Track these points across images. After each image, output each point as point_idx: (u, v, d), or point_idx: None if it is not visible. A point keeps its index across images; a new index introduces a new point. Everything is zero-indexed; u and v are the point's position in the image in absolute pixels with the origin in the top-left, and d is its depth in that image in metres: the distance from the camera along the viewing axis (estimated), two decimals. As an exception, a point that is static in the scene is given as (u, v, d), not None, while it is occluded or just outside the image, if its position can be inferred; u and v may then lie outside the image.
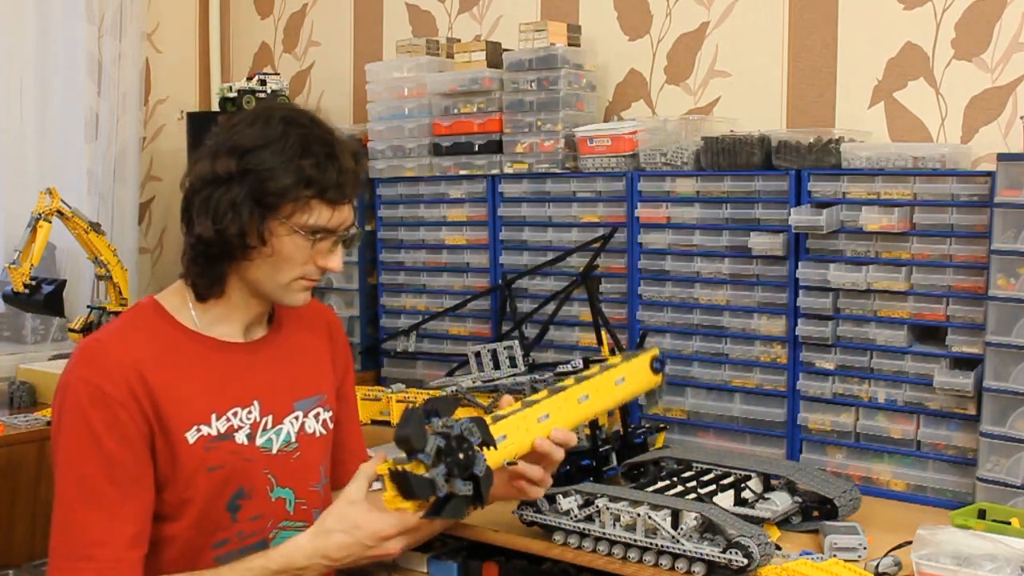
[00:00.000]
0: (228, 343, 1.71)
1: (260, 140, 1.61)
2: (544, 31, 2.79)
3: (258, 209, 1.59)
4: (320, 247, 1.67)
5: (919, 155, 2.24)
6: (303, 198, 1.61)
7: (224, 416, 1.66)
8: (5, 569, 2.53)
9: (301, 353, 1.82)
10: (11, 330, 3.37)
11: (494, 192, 2.88)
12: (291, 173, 1.59)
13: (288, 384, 1.77)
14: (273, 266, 1.65)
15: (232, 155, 1.60)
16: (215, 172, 1.60)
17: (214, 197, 1.60)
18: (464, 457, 1.53)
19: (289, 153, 1.60)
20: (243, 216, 1.59)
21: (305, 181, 1.60)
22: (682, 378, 2.57)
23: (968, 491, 2.16)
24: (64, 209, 3.01)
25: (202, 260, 1.64)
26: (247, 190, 1.59)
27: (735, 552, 1.71)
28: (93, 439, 1.56)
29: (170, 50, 3.95)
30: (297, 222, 1.62)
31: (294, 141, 1.61)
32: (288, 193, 1.59)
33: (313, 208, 1.62)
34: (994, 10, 2.37)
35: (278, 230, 1.62)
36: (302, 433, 1.77)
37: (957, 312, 2.19)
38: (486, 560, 2.12)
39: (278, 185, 1.59)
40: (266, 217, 1.60)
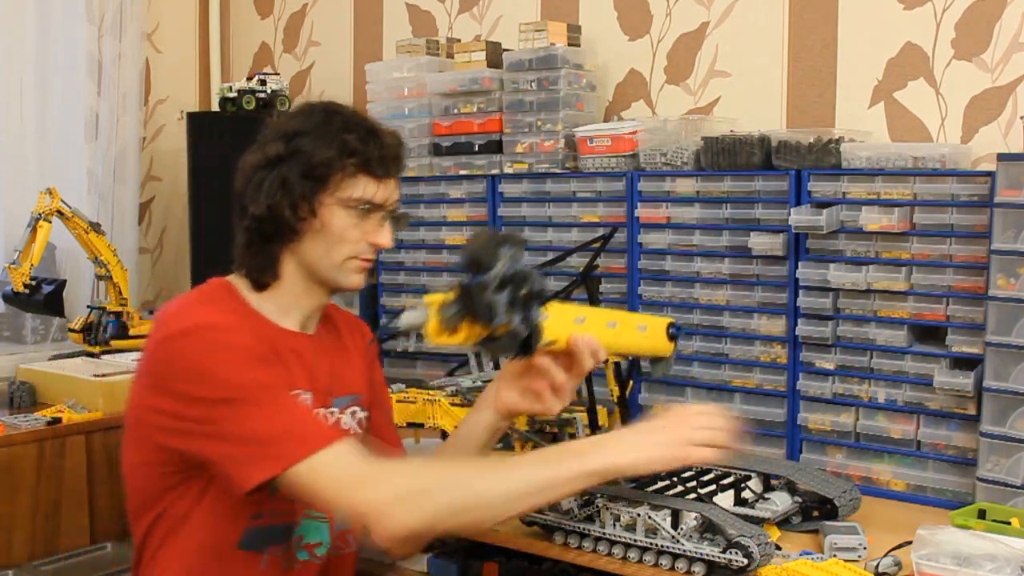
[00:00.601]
0: (288, 331, 1.75)
1: (305, 125, 1.71)
2: (544, 31, 2.79)
3: (307, 183, 1.67)
4: (369, 223, 1.73)
5: (919, 155, 2.24)
6: (349, 168, 1.68)
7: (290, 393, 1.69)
8: (5, 569, 2.53)
9: (342, 354, 1.86)
10: (11, 330, 3.37)
11: (494, 192, 2.88)
12: (335, 146, 1.68)
13: (329, 380, 1.81)
14: (326, 244, 1.71)
15: (279, 139, 1.70)
16: (265, 156, 1.70)
17: (266, 179, 1.68)
18: (526, 295, 1.51)
19: (333, 131, 1.69)
20: (294, 192, 1.67)
21: (349, 152, 1.68)
22: (682, 378, 2.57)
23: (968, 491, 2.16)
24: (64, 209, 3.02)
25: (257, 241, 1.71)
26: (295, 167, 1.67)
27: (735, 552, 1.71)
28: (244, 354, 1.58)
29: (170, 50, 3.95)
30: (344, 195, 1.69)
31: (337, 122, 1.71)
32: (333, 164, 1.68)
33: (359, 181, 1.70)
34: (994, 10, 2.37)
35: (327, 203, 1.69)
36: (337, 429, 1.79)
37: (957, 312, 2.19)
38: (486, 560, 2.12)
39: (323, 157, 1.67)
40: (315, 191, 1.68)
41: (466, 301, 1.49)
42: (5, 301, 3.12)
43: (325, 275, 1.74)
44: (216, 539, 1.66)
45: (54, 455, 2.63)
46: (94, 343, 3.18)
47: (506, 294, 1.50)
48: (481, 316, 1.49)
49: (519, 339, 1.53)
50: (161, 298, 3.90)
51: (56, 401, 2.85)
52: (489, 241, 1.52)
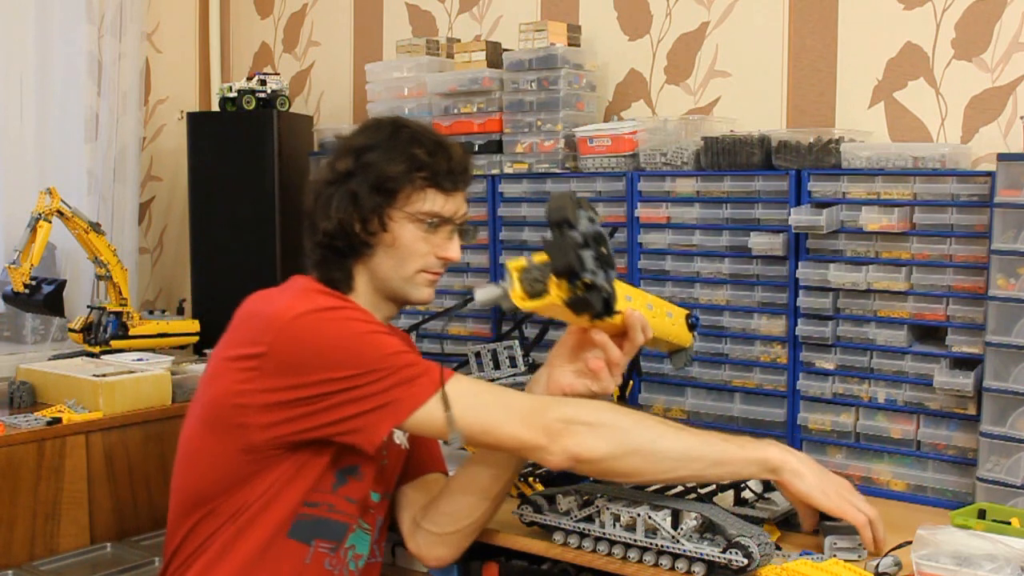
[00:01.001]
0: None
1: (373, 140, 1.74)
2: (544, 31, 2.79)
3: (377, 197, 1.70)
4: (438, 237, 1.76)
5: (919, 155, 2.24)
6: (418, 182, 1.71)
7: None
8: (5, 569, 2.53)
9: None
10: (11, 330, 3.37)
11: (494, 192, 2.88)
12: (404, 160, 1.71)
13: None
14: (396, 258, 1.73)
15: (348, 154, 1.73)
16: (334, 172, 1.73)
17: (335, 195, 1.71)
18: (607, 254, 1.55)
19: (402, 146, 1.72)
20: (364, 206, 1.70)
21: (418, 166, 1.71)
22: (682, 378, 2.57)
23: (968, 491, 2.16)
24: (64, 209, 3.02)
25: (330, 256, 1.74)
26: (365, 182, 1.70)
27: (735, 552, 1.71)
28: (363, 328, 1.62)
29: (170, 50, 3.95)
30: (413, 209, 1.72)
31: (405, 136, 1.74)
32: (402, 178, 1.70)
33: (428, 195, 1.72)
34: (994, 10, 2.37)
35: (396, 217, 1.72)
36: (391, 442, 1.81)
37: (957, 312, 2.19)
38: (486, 560, 2.12)
39: (393, 171, 1.70)
40: (384, 205, 1.71)
41: (557, 256, 1.51)
42: (5, 301, 3.12)
43: (396, 288, 1.76)
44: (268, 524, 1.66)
45: (54, 455, 2.63)
46: (94, 343, 3.18)
47: (592, 251, 1.53)
48: (572, 271, 1.51)
49: (604, 297, 1.55)
50: (161, 298, 3.90)
51: (56, 401, 2.85)
52: (572, 201, 1.56)
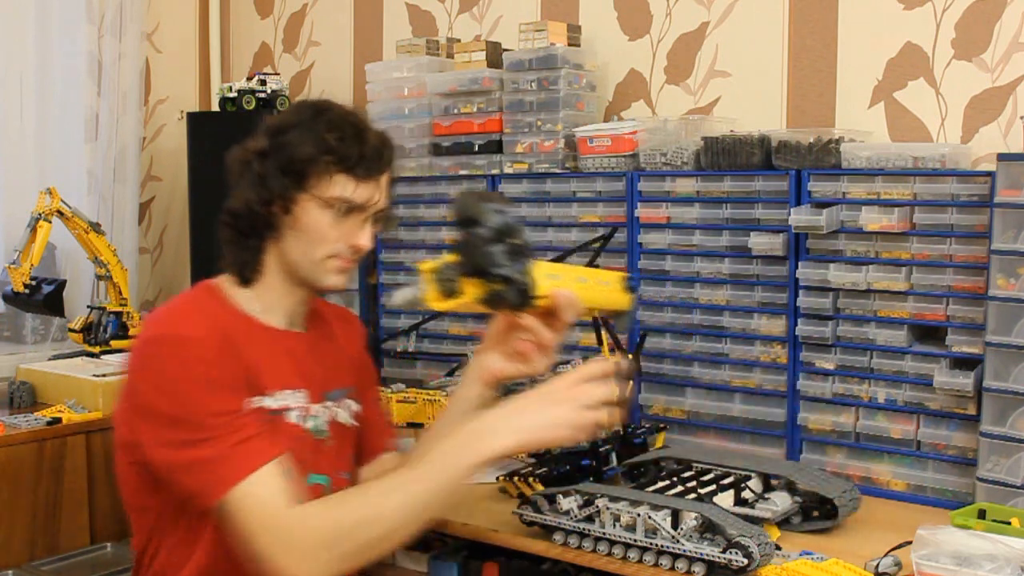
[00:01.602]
0: (276, 329, 1.76)
1: (291, 121, 1.71)
2: (544, 31, 2.79)
3: (284, 179, 1.67)
4: (349, 224, 1.72)
5: (919, 155, 2.24)
6: (324, 165, 1.67)
7: (280, 394, 1.70)
8: (5, 569, 2.53)
9: (332, 348, 1.87)
10: (11, 330, 3.37)
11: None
12: (314, 143, 1.67)
13: (321, 375, 1.81)
14: (305, 242, 1.70)
15: (264, 135, 1.71)
16: (248, 150, 1.71)
17: (246, 173, 1.70)
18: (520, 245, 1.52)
19: (317, 129, 1.69)
20: (270, 186, 1.67)
21: (327, 150, 1.67)
22: (682, 378, 2.57)
23: (968, 491, 2.16)
24: (64, 209, 3.02)
25: (235, 236, 1.72)
26: (275, 162, 1.68)
27: (735, 552, 1.71)
28: (199, 373, 1.58)
29: (170, 50, 3.95)
30: (321, 193, 1.68)
31: (323, 120, 1.70)
32: (310, 161, 1.67)
33: (336, 180, 1.69)
34: (994, 10, 2.37)
35: (303, 199, 1.69)
36: (334, 422, 1.80)
37: (957, 312, 2.19)
38: (486, 560, 2.12)
39: (301, 153, 1.67)
40: (291, 187, 1.68)
41: (466, 256, 1.50)
42: (5, 301, 3.12)
43: (305, 274, 1.74)
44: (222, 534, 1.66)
45: (54, 455, 2.63)
46: (94, 343, 3.18)
47: (503, 245, 1.50)
48: (482, 269, 1.49)
49: (520, 289, 1.53)
50: (161, 298, 3.90)
51: (56, 401, 2.85)
52: (477, 197, 1.55)
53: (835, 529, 2.01)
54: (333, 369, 1.85)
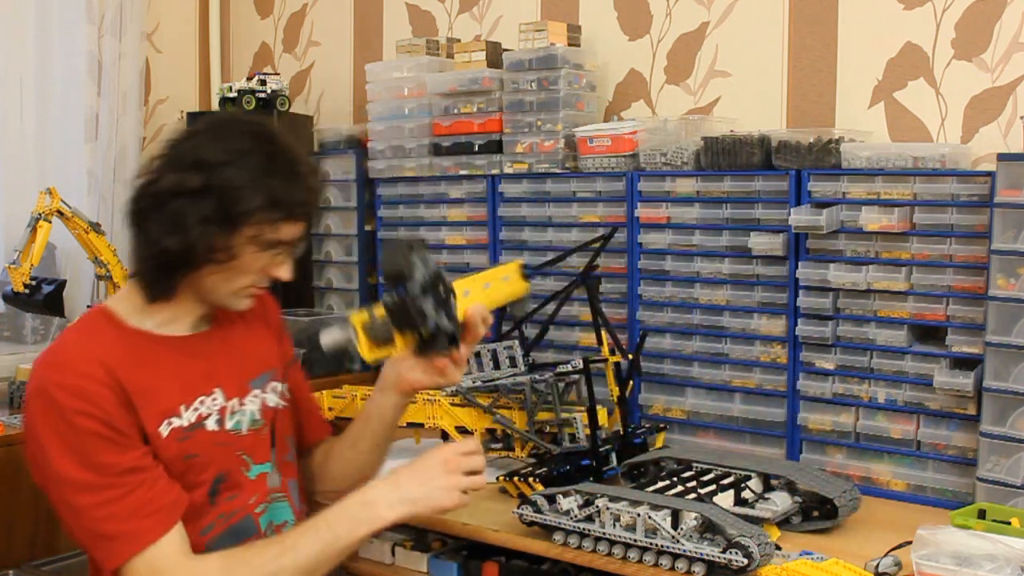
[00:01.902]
0: (179, 337, 1.73)
1: (226, 155, 1.62)
2: (544, 31, 2.79)
3: (226, 225, 1.61)
4: (275, 258, 1.70)
5: (919, 155, 2.24)
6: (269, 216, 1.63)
7: (192, 406, 1.69)
8: (5, 569, 2.53)
9: (244, 336, 1.85)
10: (11, 330, 3.37)
11: (494, 192, 2.88)
12: (261, 192, 1.61)
13: (240, 367, 1.80)
14: (227, 277, 1.68)
15: (200, 170, 1.62)
16: (184, 186, 1.61)
17: (183, 212, 1.61)
18: (444, 292, 1.61)
19: (257, 170, 1.62)
20: (211, 231, 1.61)
21: (274, 202, 1.62)
22: (682, 378, 2.57)
23: (968, 491, 2.16)
24: (64, 209, 3.01)
25: (162, 269, 1.66)
26: (216, 205, 1.60)
27: (735, 552, 1.71)
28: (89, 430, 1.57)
29: (170, 50, 3.95)
30: (259, 235, 1.64)
31: (261, 157, 1.64)
32: (258, 212, 1.62)
33: (279, 226, 1.66)
34: (994, 10, 2.37)
35: (239, 242, 1.64)
36: (265, 408, 1.80)
37: (957, 312, 2.19)
38: (486, 560, 2.12)
39: (249, 205, 1.61)
40: (232, 234, 1.63)
41: (398, 315, 1.59)
42: (5, 301, 3.12)
43: (217, 300, 1.73)
44: None
45: (54, 455, 2.63)
46: (94, 343, 3.18)
47: (431, 298, 1.59)
48: (414, 325, 1.59)
49: (449, 334, 1.64)
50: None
51: (56, 401, 2.85)
52: (401, 251, 1.61)
53: (835, 529, 2.01)
54: (252, 355, 1.83)
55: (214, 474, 1.69)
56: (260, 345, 1.87)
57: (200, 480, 1.68)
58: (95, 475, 1.58)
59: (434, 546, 2.22)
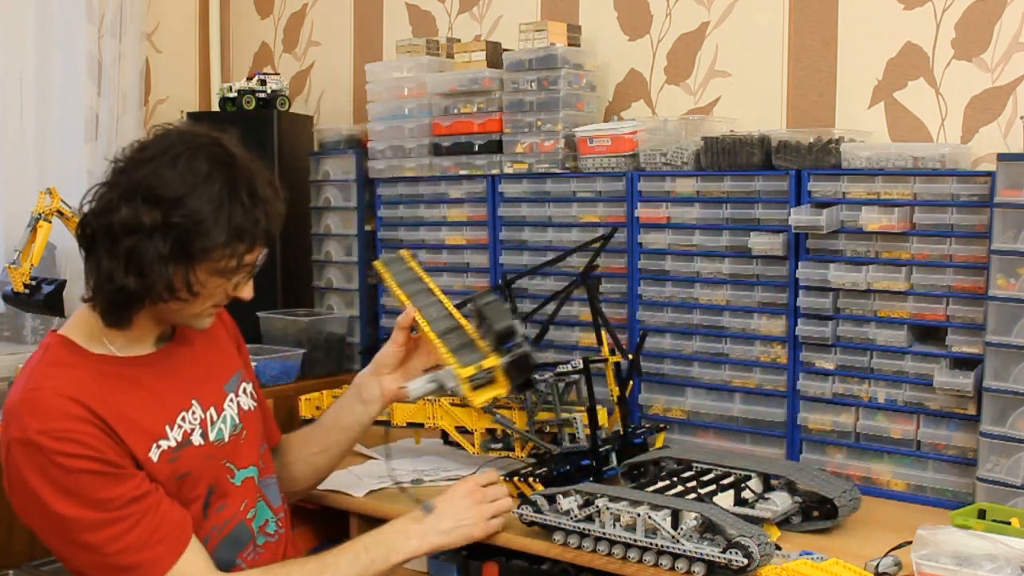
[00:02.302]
0: (144, 356, 1.70)
1: (184, 187, 1.55)
2: (544, 31, 2.79)
3: (187, 261, 1.57)
4: (235, 280, 1.68)
5: (919, 155, 2.24)
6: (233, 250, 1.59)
7: (176, 424, 1.67)
8: (5, 569, 2.53)
9: (206, 344, 1.83)
10: (11, 330, 3.37)
11: (494, 192, 2.88)
12: (222, 228, 1.55)
13: (211, 373, 1.80)
14: (189, 304, 1.64)
15: (157, 205, 1.54)
16: (139, 222, 1.54)
17: (139, 249, 1.54)
18: None
19: (216, 202, 1.55)
20: (169, 269, 1.55)
21: (238, 234, 1.57)
22: (682, 378, 2.57)
23: (968, 491, 2.16)
24: (64, 209, 3.01)
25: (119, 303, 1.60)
26: (173, 243, 1.55)
27: (735, 552, 1.71)
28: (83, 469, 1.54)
29: (170, 50, 3.95)
30: (224, 268, 1.61)
31: (220, 187, 1.56)
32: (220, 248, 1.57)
33: (243, 255, 1.63)
34: (994, 10, 2.37)
35: (202, 276, 1.60)
36: (241, 412, 1.81)
37: (957, 312, 2.19)
38: (486, 560, 2.12)
39: (211, 241, 1.56)
40: (193, 267, 1.58)
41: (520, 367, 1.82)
42: (5, 301, 3.12)
43: (179, 322, 1.72)
44: None
45: (54, 455, 2.63)
46: (94, 343, 3.18)
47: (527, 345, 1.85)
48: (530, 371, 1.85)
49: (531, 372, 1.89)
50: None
51: (56, 401, 2.84)
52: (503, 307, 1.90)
53: (835, 529, 2.01)
54: (218, 361, 1.83)
55: (206, 487, 1.69)
56: (223, 350, 1.86)
57: (194, 496, 1.67)
58: (100, 512, 1.55)
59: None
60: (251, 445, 1.81)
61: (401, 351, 1.97)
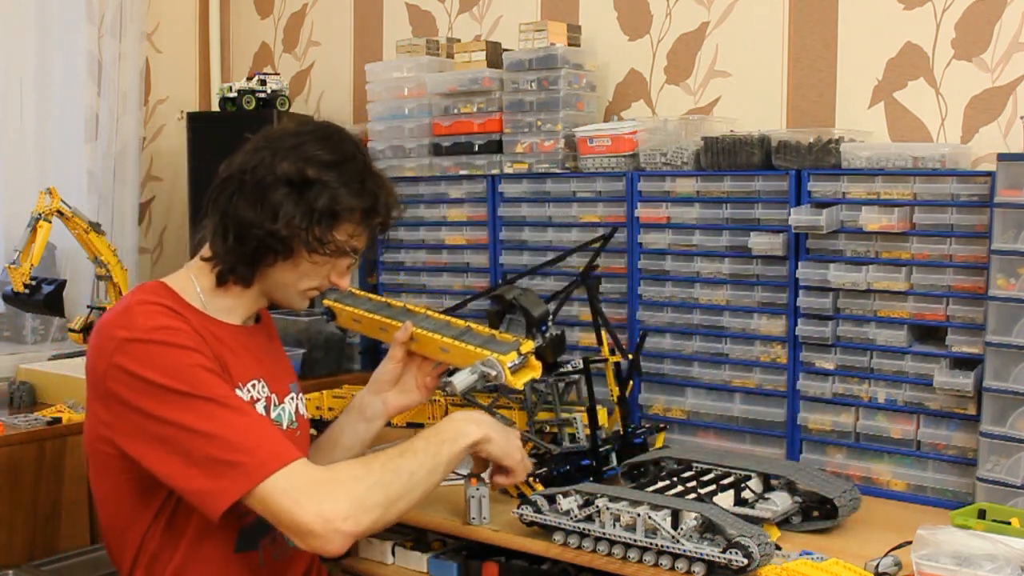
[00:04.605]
0: (233, 326, 1.77)
1: (336, 156, 1.70)
2: (544, 31, 2.79)
3: (328, 220, 1.68)
4: (340, 264, 1.78)
5: (919, 155, 2.24)
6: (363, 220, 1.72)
7: (247, 386, 1.72)
8: (5, 569, 2.53)
9: (277, 344, 1.94)
10: (11, 330, 3.37)
11: (494, 192, 2.88)
12: (368, 197, 1.71)
13: (281, 368, 1.87)
14: (298, 274, 1.74)
15: (311, 164, 1.68)
16: (295, 175, 1.66)
17: (290, 200, 1.66)
18: None
19: (360, 176, 1.71)
20: (313, 224, 1.67)
21: (374, 208, 1.73)
22: (682, 378, 2.57)
23: (968, 491, 2.16)
24: (64, 209, 3.01)
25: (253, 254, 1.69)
26: (324, 200, 1.67)
27: (735, 552, 1.71)
28: (198, 364, 1.57)
29: (170, 50, 3.95)
30: (344, 240, 1.72)
31: (361, 166, 1.73)
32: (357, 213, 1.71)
33: (363, 234, 1.75)
34: (994, 10, 2.37)
35: (333, 243, 1.71)
36: (298, 413, 1.86)
37: (957, 312, 2.19)
38: (486, 560, 2.12)
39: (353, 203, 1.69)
40: (330, 230, 1.69)
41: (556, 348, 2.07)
42: (5, 301, 3.12)
43: (281, 297, 1.78)
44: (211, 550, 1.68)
45: (54, 455, 2.63)
46: (94, 343, 3.17)
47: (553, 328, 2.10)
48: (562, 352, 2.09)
49: None
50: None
51: (56, 401, 2.85)
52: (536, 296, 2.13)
53: (835, 529, 2.01)
54: (284, 363, 1.92)
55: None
56: (286, 359, 1.96)
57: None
58: (215, 402, 1.56)
59: (434, 546, 2.22)
60: (300, 446, 1.83)
61: (399, 367, 1.99)
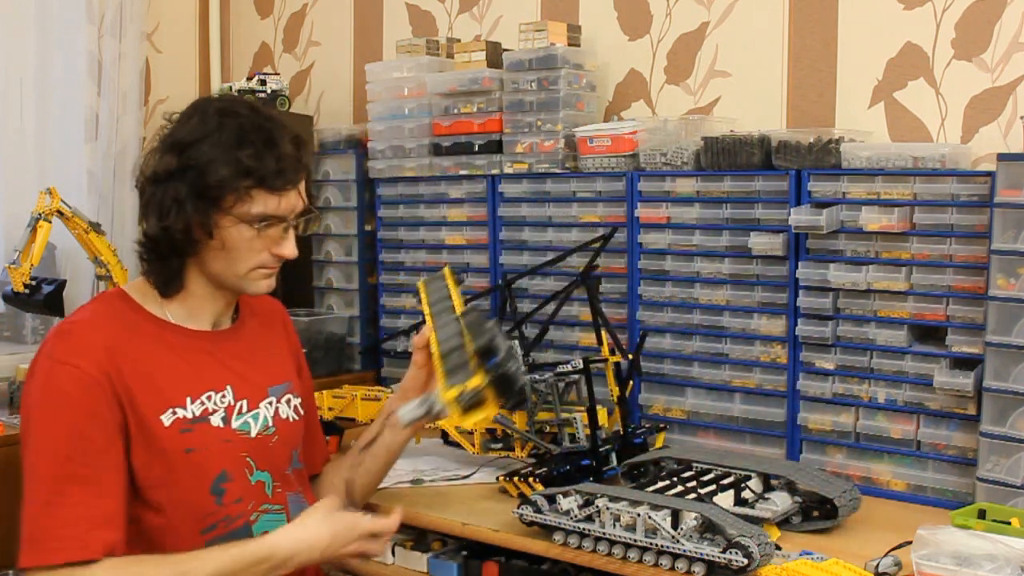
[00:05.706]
0: (197, 331, 1.75)
1: (197, 134, 1.65)
2: (544, 31, 2.79)
3: (200, 203, 1.63)
4: (270, 235, 1.70)
5: (919, 155, 2.24)
6: (243, 188, 1.64)
7: (199, 400, 1.70)
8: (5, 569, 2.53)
9: (265, 343, 1.87)
10: (11, 330, 3.37)
11: (494, 192, 2.88)
12: (229, 164, 1.63)
13: (259, 371, 1.82)
14: (227, 258, 1.69)
15: (172, 151, 1.65)
16: (156, 171, 1.65)
17: (158, 195, 1.64)
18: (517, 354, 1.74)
19: (226, 144, 1.64)
20: (187, 211, 1.63)
21: (244, 171, 1.63)
22: (682, 378, 2.57)
23: (968, 491, 2.16)
24: (64, 209, 3.01)
25: (154, 257, 1.70)
26: (188, 185, 1.63)
27: (735, 552, 1.71)
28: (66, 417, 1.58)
29: (170, 50, 3.95)
30: (240, 212, 1.65)
31: (230, 132, 1.65)
32: (227, 184, 1.63)
33: (255, 197, 1.66)
34: (994, 10, 2.37)
35: (223, 222, 1.66)
36: (277, 418, 1.81)
37: (957, 312, 2.19)
38: (486, 560, 2.12)
39: (217, 177, 1.62)
40: (209, 210, 1.64)
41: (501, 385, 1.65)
42: (5, 301, 3.12)
43: (231, 285, 1.75)
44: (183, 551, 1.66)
45: (54, 455, 2.63)
46: (94, 343, 3.17)
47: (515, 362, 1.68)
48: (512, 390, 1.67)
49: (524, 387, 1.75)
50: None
51: (56, 401, 2.84)
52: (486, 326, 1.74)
53: (835, 529, 2.01)
54: (271, 362, 1.86)
55: (217, 471, 1.69)
56: (278, 356, 1.89)
57: (201, 475, 1.68)
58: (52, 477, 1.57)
59: (434, 546, 2.22)
60: (278, 453, 1.81)
61: (423, 372, 1.92)
